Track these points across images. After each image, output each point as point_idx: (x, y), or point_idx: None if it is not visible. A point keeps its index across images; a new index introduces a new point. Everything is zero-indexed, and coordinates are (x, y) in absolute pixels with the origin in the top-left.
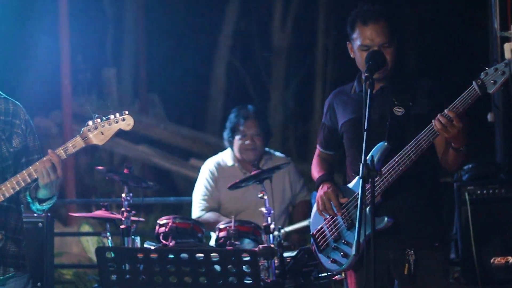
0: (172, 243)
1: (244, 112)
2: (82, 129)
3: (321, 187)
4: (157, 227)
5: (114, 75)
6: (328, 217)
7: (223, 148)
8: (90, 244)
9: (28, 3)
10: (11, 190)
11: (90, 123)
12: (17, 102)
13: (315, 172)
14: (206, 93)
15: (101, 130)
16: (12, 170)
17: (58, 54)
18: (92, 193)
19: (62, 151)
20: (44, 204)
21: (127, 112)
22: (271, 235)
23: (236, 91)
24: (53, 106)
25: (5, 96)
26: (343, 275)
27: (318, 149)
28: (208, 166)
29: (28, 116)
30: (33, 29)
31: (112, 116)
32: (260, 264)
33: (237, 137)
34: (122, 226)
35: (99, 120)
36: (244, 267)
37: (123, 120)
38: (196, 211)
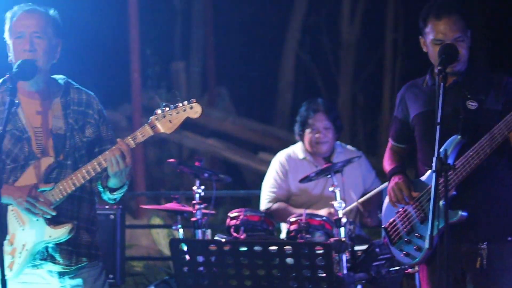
0: (243, 236)
1: (314, 105)
2: (150, 117)
3: (392, 178)
4: (228, 220)
5: (183, 69)
6: (400, 208)
7: (291, 142)
8: (160, 237)
9: None
10: (82, 180)
11: (159, 111)
12: (90, 92)
13: (387, 164)
14: (274, 87)
15: (169, 119)
16: (85, 160)
17: (128, 47)
18: (161, 185)
19: (131, 139)
20: (115, 193)
21: (194, 100)
22: (342, 229)
23: (305, 85)
24: (123, 99)
25: (77, 86)
26: (415, 268)
27: (390, 142)
28: (279, 159)
29: (101, 106)
30: (103, 22)
31: (180, 104)
32: None
33: (307, 131)
34: (193, 219)
35: (167, 108)
36: (317, 260)
37: (191, 108)
38: (264, 203)
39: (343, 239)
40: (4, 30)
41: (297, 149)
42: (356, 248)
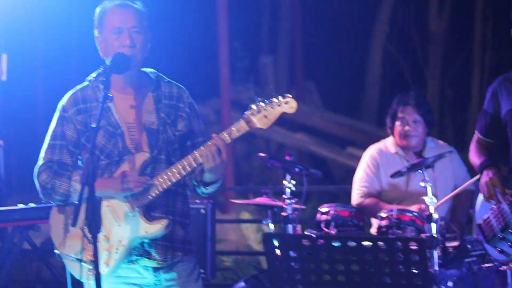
0: (333, 231)
1: (405, 98)
2: (245, 113)
3: (485, 173)
4: (318, 215)
5: (271, 62)
6: (493, 205)
7: (379, 136)
8: (249, 231)
9: None
10: (177, 175)
11: (254, 106)
12: (180, 86)
13: (475, 158)
14: (362, 81)
15: (264, 114)
16: (178, 154)
17: (216, 40)
18: (249, 180)
19: (226, 135)
20: (209, 187)
21: (290, 95)
22: (433, 224)
23: (393, 79)
24: (211, 93)
25: (168, 80)
26: (510, 265)
27: (477, 135)
28: (370, 153)
29: (192, 99)
30: (191, 16)
31: (275, 99)
32: None
33: (397, 123)
34: (284, 214)
35: (262, 103)
36: (411, 255)
37: (286, 103)
38: (356, 197)
39: (435, 235)
40: (95, 25)
41: (388, 143)
42: (448, 244)
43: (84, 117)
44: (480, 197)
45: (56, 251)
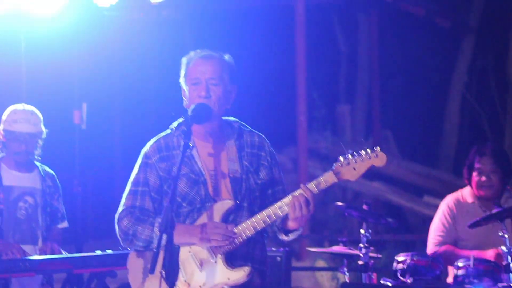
0: (409, 280)
1: (482, 149)
2: (334, 164)
3: None
4: (394, 264)
5: (348, 111)
6: None
7: (457, 186)
8: (324, 279)
9: (267, 40)
10: (262, 224)
11: (342, 158)
12: (261, 135)
13: None
14: (439, 130)
15: (353, 166)
16: (258, 202)
17: (294, 89)
18: (324, 228)
19: (314, 185)
20: (290, 235)
21: (379, 149)
22: (511, 274)
23: (470, 128)
24: (288, 141)
25: (250, 129)
26: None
27: None
28: (447, 202)
29: (272, 148)
30: (270, 64)
31: (363, 152)
32: None
33: (474, 174)
34: (360, 262)
35: (350, 156)
36: None
37: (376, 156)
38: (431, 246)
39: None
40: (180, 76)
41: (465, 193)
42: None
43: (167, 164)
44: None
45: None
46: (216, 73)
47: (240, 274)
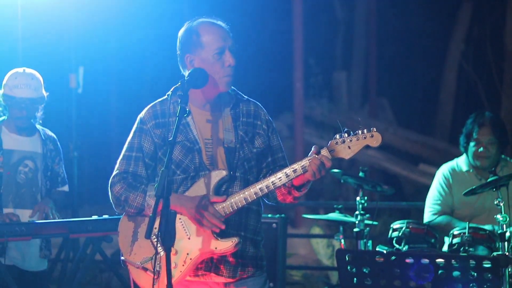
0: (405, 248)
1: (480, 119)
2: (330, 141)
3: None
4: (390, 231)
5: (344, 79)
6: None
7: (452, 154)
8: (319, 246)
9: (264, 6)
10: (254, 196)
11: (338, 136)
12: (258, 103)
13: None
14: (435, 98)
15: (348, 145)
16: (254, 171)
17: (291, 56)
18: (320, 195)
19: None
20: (302, 189)
21: (375, 129)
22: (506, 243)
23: (466, 97)
24: (285, 108)
25: (247, 98)
26: None
27: None
28: (442, 171)
29: (269, 116)
30: (267, 32)
31: (360, 132)
32: None
33: (471, 144)
34: (356, 229)
35: (346, 134)
36: (484, 274)
37: (371, 136)
38: (428, 215)
39: (507, 254)
40: (182, 43)
41: (461, 162)
42: None
43: (162, 131)
44: None
45: (122, 257)
46: (233, 41)
47: (227, 244)
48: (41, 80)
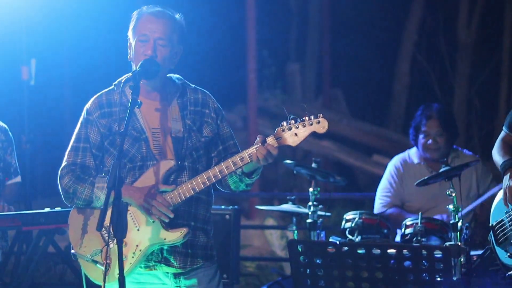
0: (358, 238)
1: (428, 111)
2: (276, 129)
3: (508, 175)
4: (343, 222)
5: (298, 70)
6: (510, 209)
7: (406, 145)
8: (273, 238)
9: None
10: (201, 186)
11: (284, 123)
12: (206, 91)
13: (498, 156)
14: (389, 89)
15: (295, 132)
16: (203, 160)
17: (245, 48)
18: (274, 187)
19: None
20: (253, 175)
21: (321, 115)
22: (458, 233)
23: (420, 88)
24: (238, 100)
25: (194, 86)
26: None
27: (505, 132)
28: (394, 163)
29: (218, 104)
30: (220, 23)
31: (306, 118)
32: None
33: (420, 136)
34: (309, 220)
35: (293, 121)
36: (436, 264)
37: (318, 122)
38: (378, 207)
39: (459, 244)
40: (129, 28)
41: (412, 154)
42: (472, 252)
43: (108, 121)
44: (497, 199)
45: (72, 251)
46: (166, 33)
47: (177, 235)
48: None
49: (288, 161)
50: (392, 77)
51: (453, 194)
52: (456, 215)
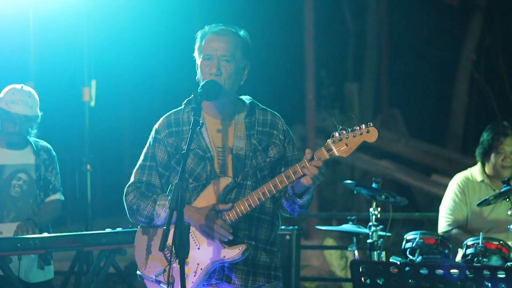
0: (419, 259)
1: (503, 129)
2: (327, 140)
3: None
4: (404, 242)
5: (356, 90)
6: None
7: (465, 164)
8: (333, 258)
9: (275, 18)
10: (257, 201)
11: (336, 134)
12: (275, 113)
13: None
14: (447, 109)
15: (345, 142)
16: (267, 181)
17: (303, 68)
18: (332, 207)
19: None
20: (304, 196)
21: (371, 124)
22: None
23: (478, 107)
24: (296, 119)
25: (263, 107)
26: None
27: None
28: (456, 181)
29: (287, 126)
30: (279, 43)
31: (357, 128)
32: None
33: (493, 154)
34: (369, 241)
35: (343, 131)
36: (499, 284)
37: (368, 132)
38: (443, 225)
39: None
40: (195, 49)
41: (475, 172)
42: None
43: (175, 139)
44: None
45: (138, 271)
46: (229, 50)
47: (235, 252)
48: (38, 99)
49: (348, 181)
50: (450, 97)
51: None
52: None
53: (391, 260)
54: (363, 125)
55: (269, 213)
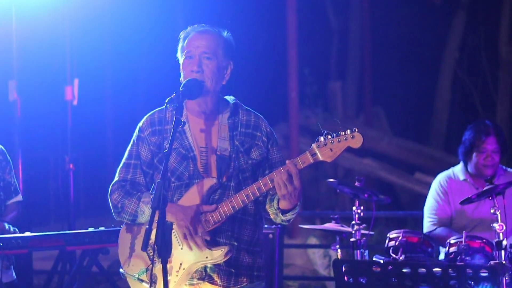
0: (402, 257)
1: (485, 128)
2: (312, 145)
3: None
4: (387, 241)
5: (339, 88)
6: None
7: (448, 162)
8: (316, 257)
9: (258, 16)
10: (241, 203)
11: (321, 139)
12: (259, 114)
13: None
14: (430, 107)
15: (330, 147)
16: (249, 182)
17: (286, 66)
18: (315, 205)
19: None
20: (287, 214)
21: (356, 130)
22: (503, 252)
23: (462, 105)
24: (280, 118)
25: (247, 108)
26: None
27: None
28: (439, 180)
29: (271, 128)
30: (261, 42)
31: (342, 133)
32: None
33: (475, 153)
34: (352, 239)
35: (329, 136)
36: (482, 283)
37: (352, 137)
38: (428, 225)
39: (504, 262)
40: (178, 50)
41: (457, 171)
42: None
43: (158, 138)
44: None
45: (121, 269)
46: (210, 47)
47: (217, 253)
48: None
49: (331, 180)
50: (433, 94)
51: (498, 212)
52: (501, 234)
53: (374, 258)
54: (348, 130)
55: (252, 214)
